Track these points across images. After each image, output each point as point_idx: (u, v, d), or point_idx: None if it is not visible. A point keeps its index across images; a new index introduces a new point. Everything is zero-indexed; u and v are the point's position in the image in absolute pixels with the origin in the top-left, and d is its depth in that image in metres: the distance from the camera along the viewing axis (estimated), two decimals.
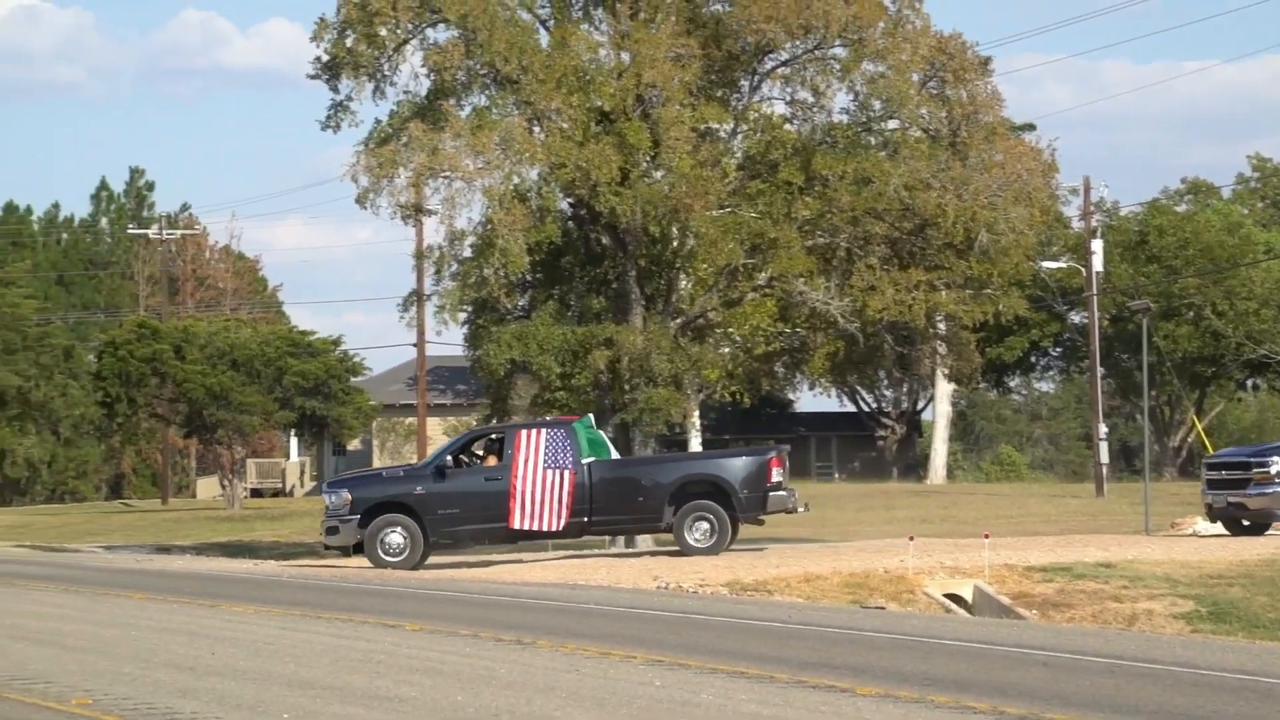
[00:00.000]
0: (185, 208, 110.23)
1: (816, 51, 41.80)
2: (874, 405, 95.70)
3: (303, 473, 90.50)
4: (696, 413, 67.66)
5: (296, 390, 70.43)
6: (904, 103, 41.43)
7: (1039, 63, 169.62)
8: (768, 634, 21.35)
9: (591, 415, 38.25)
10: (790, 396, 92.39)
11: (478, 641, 19.69)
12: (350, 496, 34.30)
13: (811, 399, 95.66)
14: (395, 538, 34.12)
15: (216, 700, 15.16)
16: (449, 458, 34.99)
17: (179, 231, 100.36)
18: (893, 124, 42.94)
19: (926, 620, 25.09)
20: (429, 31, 41.96)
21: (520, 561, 35.60)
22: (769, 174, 42.50)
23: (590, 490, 34.41)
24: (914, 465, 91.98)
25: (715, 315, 43.84)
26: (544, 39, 42.20)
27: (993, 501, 58.67)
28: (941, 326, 46.04)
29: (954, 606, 29.14)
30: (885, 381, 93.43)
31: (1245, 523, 35.88)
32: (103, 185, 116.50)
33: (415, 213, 42.58)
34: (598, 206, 41.07)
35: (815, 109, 42.79)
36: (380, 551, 33.97)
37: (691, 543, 34.34)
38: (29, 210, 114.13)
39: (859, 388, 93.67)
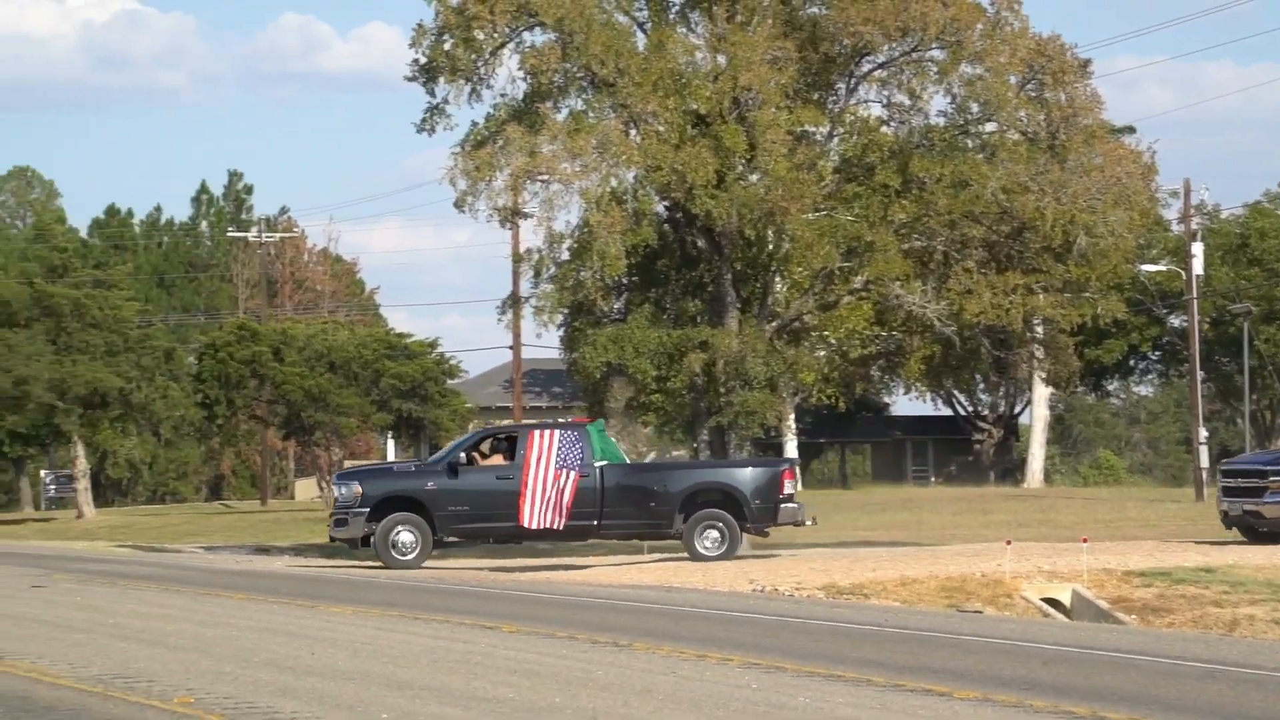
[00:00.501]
0: (284, 211, 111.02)
1: (914, 54, 41.68)
2: (970, 409, 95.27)
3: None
4: (792, 416, 67.63)
5: (393, 392, 70.73)
6: (1002, 105, 41.25)
7: (1139, 65, 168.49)
8: (864, 637, 21.32)
9: (604, 420, 38.78)
10: (886, 400, 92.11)
11: (574, 643, 19.75)
12: (361, 489, 34.35)
13: (907, 402, 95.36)
14: (406, 535, 34.26)
15: (316, 700, 15.27)
16: (461, 455, 35.03)
17: (278, 234, 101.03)
18: (990, 126, 42.74)
19: (1024, 625, 24.98)
20: (525, 35, 42.10)
21: (613, 565, 35.65)
22: (865, 177, 42.40)
23: (601, 493, 34.58)
24: (1011, 469, 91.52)
25: (811, 318, 43.77)
26: (641, 42, 42.26)
27: (1091, 506, 58.31)
28: (1039, 330, 45.80)
29: (1052, 611, 29.01)
30: (982, 385, 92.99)
31: (1262, 530, 35.42)
32: (203, 189, 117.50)
33: (512, 216, 42.75)
34: (693, 209, 41.09)
35: (912, 111, 42.66)
36: (391, 550, 34.08)
37: (701, 550, 34.47)
38: (130, 213, 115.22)
39: (955, 391, 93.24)
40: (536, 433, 35.03)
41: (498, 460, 35.05)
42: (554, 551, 41.48)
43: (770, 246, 43.17)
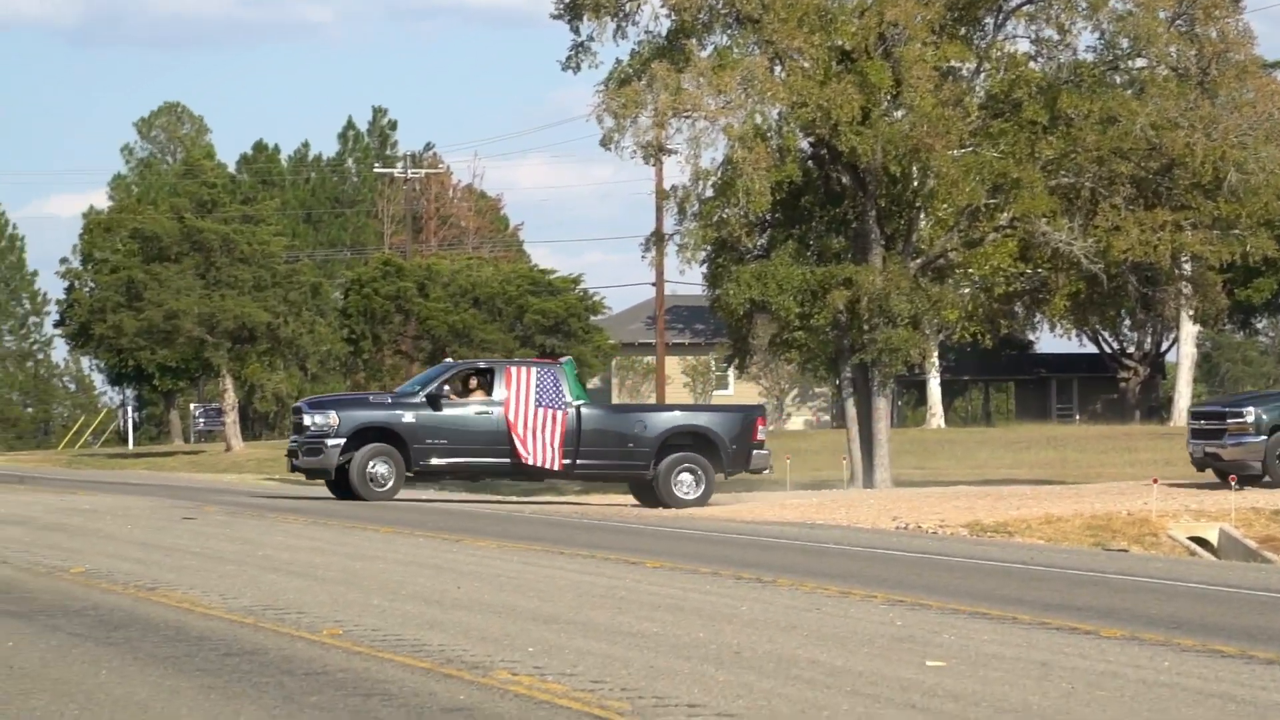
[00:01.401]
0: (429, 147, 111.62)
1: None
2: (1116, 346, 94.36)
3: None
4: (935, 353, 67.27)
5: (537, 328, 71.08)
6: (1152, 41, 40.75)
7: None
8: (1009, 575, 21.25)
9: (573, 359, 38.53)
10: (1030, 337, 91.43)
11: (718, 579, 19.81)
12: (338, 418, 33.54)
13: (1052, 340, 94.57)
14: (382, 467, 33.52)
15: (462, 633, 15.41)
16: (444, 388, 34.27)
17: (423, 171, 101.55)
18: (1140, 62, 42.26)
19: (1171, 563, 24.81)
20: None
21: (741, 502, 35.68)
22: (1012, 113, 42.03)
23: (578, 434, 34.05)
24: (1157, 408, 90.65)
25: (955, 255, 43.53)
26: None
27: None
28: (1187, 267, 45.31)
29: (1199, 550, 28.79)
30: (1128, 322, 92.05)
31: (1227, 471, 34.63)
32: (349, 124, 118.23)
33: (657, 152, 42.76)
34: (838, 146, 40.92)
35: (1060, 47, 42.26)
36: (369, 483, 33.32)
37: (678, 495, 34.06)
38: (277, 149, 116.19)
39: (1100, 329, 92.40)
40: (514, 369, 34.46)
41: (479, 395, 34.28)
42: (521, 490, 41.41)
43: (915, 183, 42.92)
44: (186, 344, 72.59)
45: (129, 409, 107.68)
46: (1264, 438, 34.09)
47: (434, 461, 33.98)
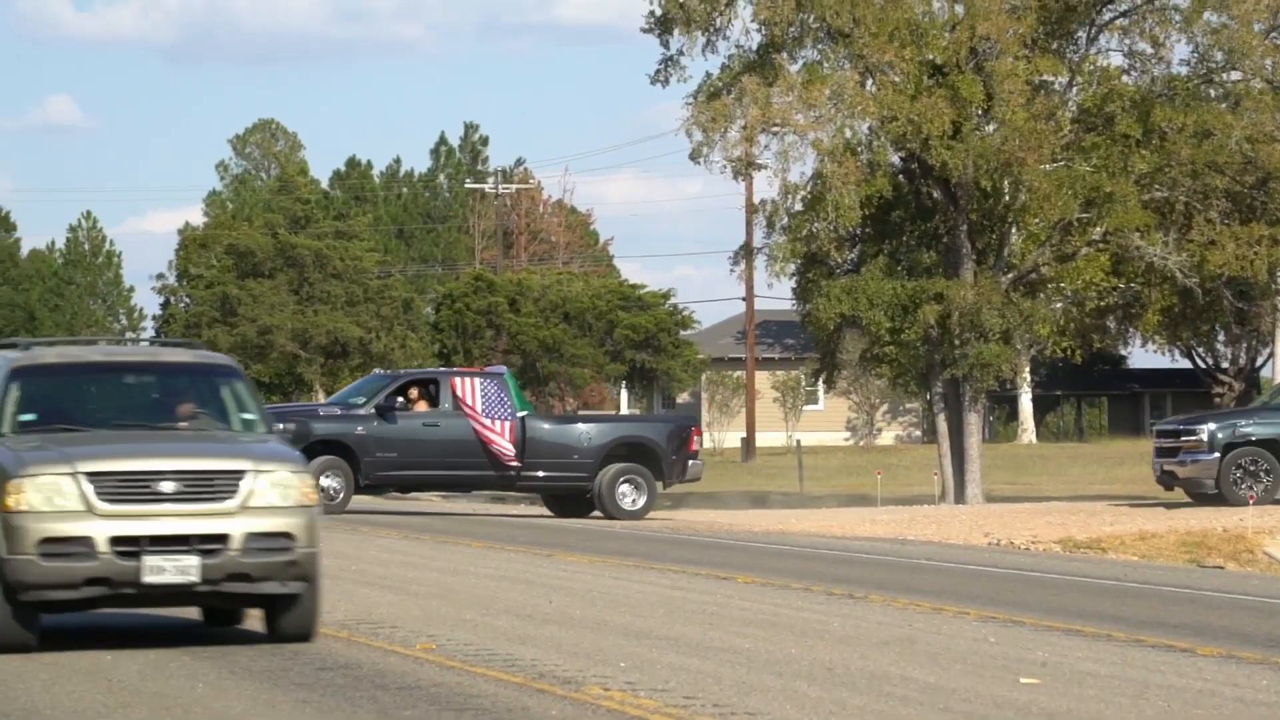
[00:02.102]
0: (520, 162, 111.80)
1: (1156, 2, 41.01)
2: (1210, 361, 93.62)
3: None
4: (1027, 369, 67.02)
5: (627, 343, 71.22)
6: (1247, 54, 40.48)
7: None
8: (1102, 592, 21.13)
9: (510, 370, 38.14)
10: (1123, 352, 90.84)
11: (809, 595, 19.78)
12: (294, 429, 32.00)
13: (1145, 355, 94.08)
14: (333, 481, 32.50)
15: (554, 647, 15.45)
16: (398, 400, 33.52)
17: (514, 186, 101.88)
18: (1235, 75, 41.97)
19: (1267, 580, 24.61)
20: None
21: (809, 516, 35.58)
22: (1105, 127, 41.82)
23: (523, 444, 33.59)
24: None
25: (1047, 270, 43.34)
26: None
27: None
28: None
29: None
30: (1222, 337, 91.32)
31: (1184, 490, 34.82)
32: (441, 140, 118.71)
33: (746, 167, 42.80)
34: (929, 160, 40.82)
35: (1154, 60, 42.04)
36: (322, 495, 31.80)
37: (623, 506, 33.70)
38: (370, 165, 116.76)
39: (1194, 343, 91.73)
40: (460, 379, 33.98)
41: (422, 406, 33.64)
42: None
43: (1007, 197, 42.76)
44: (280, 359, 73.13)
45: None
46: (1217, 455, 33.88)
47: (385, 474, 33.35)
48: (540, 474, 34.05)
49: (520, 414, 33.82)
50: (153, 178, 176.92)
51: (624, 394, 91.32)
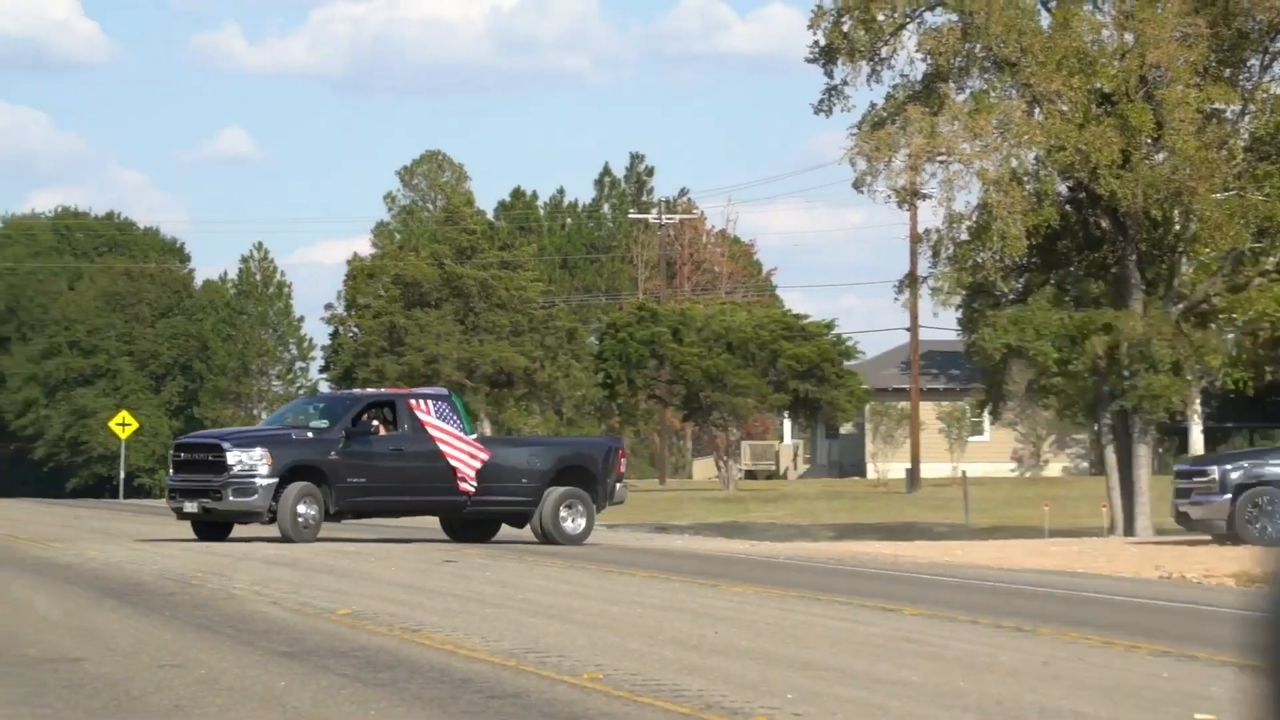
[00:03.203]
0: (683, 192, 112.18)
1: None
2: None
3: (796, 455, 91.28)
4: (1198, 400, 66.18)
5: (790, 373, 71.11)
6: None
7: None
8: None
9: (454, 391, 36.64)
10: None
11: (977, 627, 19.65)
12: (271, 456, 31.20)
13: None
14: (309, 509, 31.35)
15: (721, 678, 15.45)
16: (373, 423, 32.20)
17: (677, 216, 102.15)
18: None
19: None
20: (926, 15, 41.93)
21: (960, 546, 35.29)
22: (1279, 155, 41.28)
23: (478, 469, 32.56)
24: None
25: (1219, 300, 42.82)
26: (1044, 20, 41.77)
27: None
28: None
29: None
30: None
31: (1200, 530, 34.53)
32: (605, 171, 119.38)
33: (911, 196, 42.67)
34: (1097, 189, 40.48)
35: None
36: (299, 522, 31.15)
37: (568, 531, 32.83)
38: (535, 196, 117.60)
39: None
40: (415, 400, 32.79)
41: (381, 431, 32.44)
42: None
43: (1177, 227, 42.33)
44: (446, 388, 73.68)
45: None
46: (1229, 496, 33.70)
47: (355, 501, 32.07)
48: (492, 498, 32.82)
49: (470, 437, 32.91)
50: (322, 208, 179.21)
51: (787, 424, 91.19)
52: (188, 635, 18.36)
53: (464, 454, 32.40)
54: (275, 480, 31.06)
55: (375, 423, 32.35)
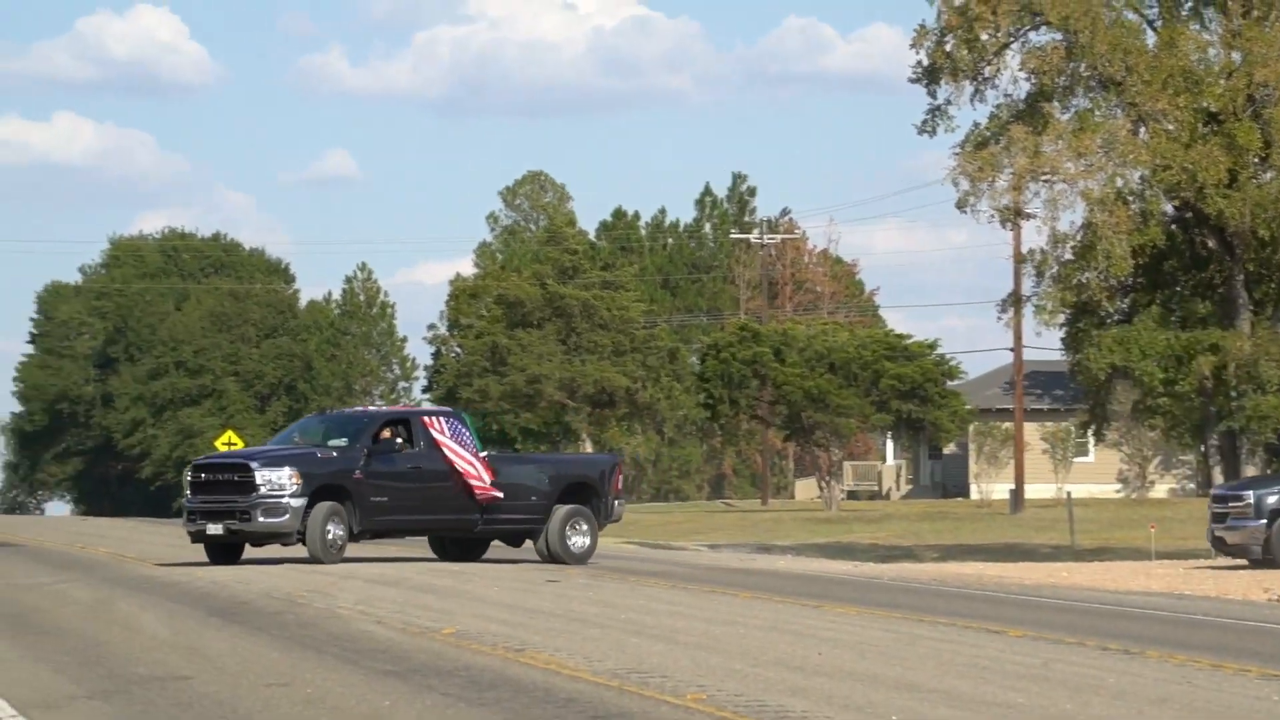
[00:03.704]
0: (785, 212, 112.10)
1: None
2: None
3: (899, 476, 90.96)
4: None
5: (893, 393, 70.86)
6: None
7: None
8: None
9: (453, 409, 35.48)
10: None
11: (1083, 649, 19.52)
12: (300, 476, 30.16)
13: None
14: (337, 529, 30.44)
15: (825, 700, 15.42)
16: (396, 439, 31.34)
17: (779, 236, 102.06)
18: None
19: None
20: (1030, 35, 41.78)
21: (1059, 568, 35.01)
22: None
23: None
24: None
25: None
26: (1150, 39, 41.53)
27: None
28: None
29: None
30: None
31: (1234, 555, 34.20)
32: (706, 190, 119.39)
33: (1014, 216, 42.52)
34: (1204, 209, 40.20)
35: None
36: (328, 542, 30.22)
37: (573, 549, 32.08)
38: (636, 216, 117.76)
39: None
40: (430, 418, 31.82)
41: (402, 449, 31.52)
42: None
43: None
44: (548, 408, 73.85)
45: None
46: (1264, 522, 33.51)
47: (377, 519, 31.16)
48: (502, 516, 32.01)
49: (483, 454, 32.21)
50: (424, 229, 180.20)
51: (889, 445, 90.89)
52: (294, 654, 18.49)
53: (479, 472, 31.57)
54: (305, 500, 30.15)
55: (399, 440, 31.52)
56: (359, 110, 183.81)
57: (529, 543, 33.23)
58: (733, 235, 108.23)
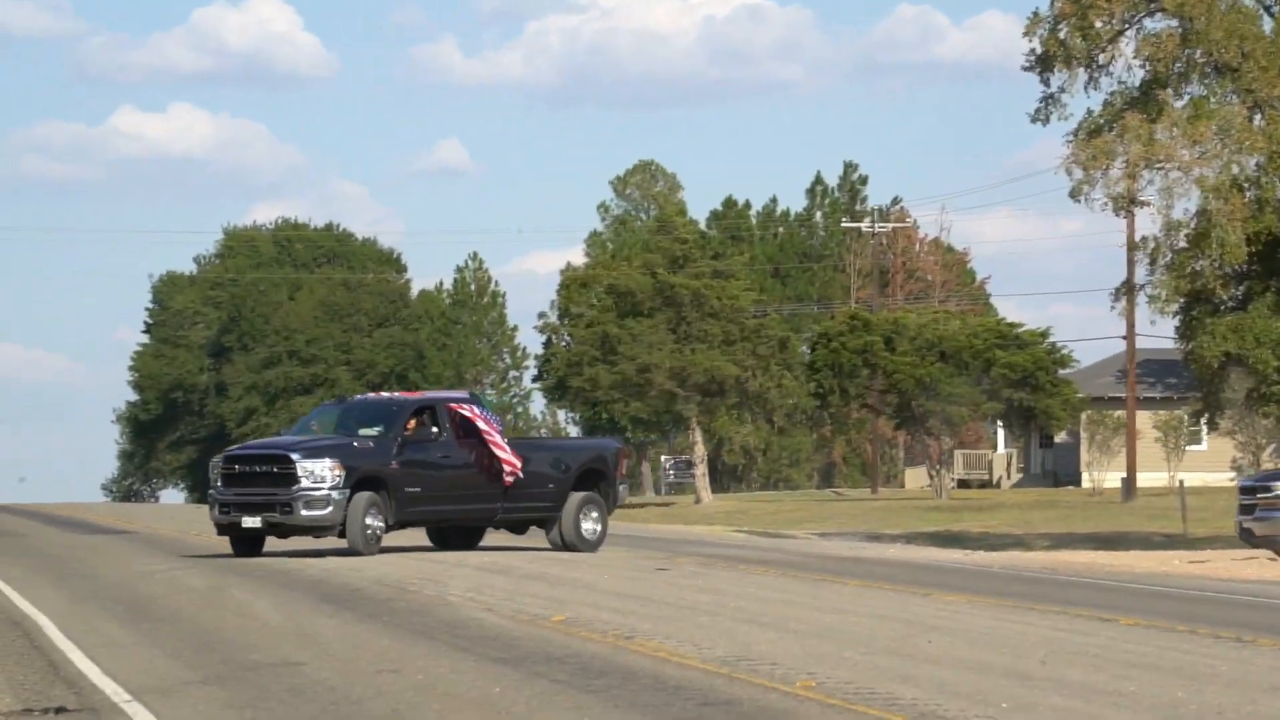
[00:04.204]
0: (896, 201, 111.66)
1: None
2: None
3: (1009, 464, 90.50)
4: None
5: (1004, 382, 70.50)
6: None
7: None
8: None
9: (469, 393, 34.65)
10: None
11: (1195, 638, 19.42)
12: (342, 468, 29.52)
13: None
14: (376, 520, 29.85)
15: (935, 687, 15.41)
16: (406, 429, 30.58)
17: (890, 224, 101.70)
18: None
19: None
20: (1145, 21, 41.45)
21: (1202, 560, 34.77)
22: None
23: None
24: None
25: None
26: (1267, 25, 41.10)
27: None
28: None
29: None
30: None
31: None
32: (817, 179, 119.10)
33: (1128, 204, 42.21)
34: None
35: None
36: (368, 534, 29.65)
37: (586, 536, 31.59)
38: (747, 205, 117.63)
39: None
40: (456, 405, 31.01)
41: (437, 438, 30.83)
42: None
43: None
44: (658, 397, 73.84)
45: None
46: None
47: (413, 510, 30.61)
48: (521, 504, 31.51)
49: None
50: (536, 218, 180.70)
51: (1000, 433, 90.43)
52: (404, 641, 18.65)
53: (511, 458, 30.98)
54: (347, 492, 29.45)
55: (434, 429, 30.82)
56: (470, 100, 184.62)
57: (528, 531, 32.60)
58: (844, 224, 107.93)
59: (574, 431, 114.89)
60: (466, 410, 31.12)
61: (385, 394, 38.81)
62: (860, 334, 72.43)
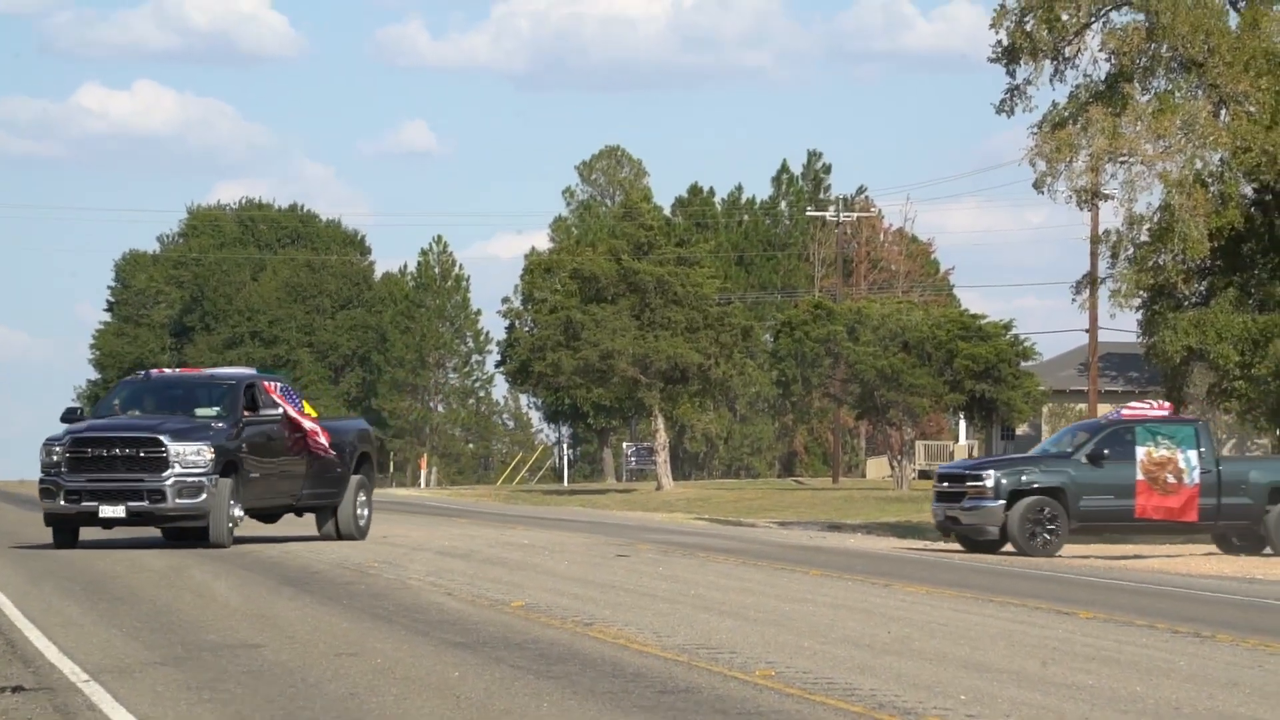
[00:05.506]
0: (861, 190, 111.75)
1: None
2: None
3: (971, 455, 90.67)
4: None
5: (966, 373, 70.61)
6: None
7: None
8: None
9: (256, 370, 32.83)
10: None
11: (1153, 632, 19.47)
12: (212, 450, 27.34)
13: None
14: (237, 510, 27.78)
15: (893, 678, 15.44)
16: (242, 410, 28.33)
17: (854, 214, 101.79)
18: None
19: None
20: (1111, 15, 41.55)
21: (1174, 555, 34.90)
22: None
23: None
24: None
25: None
26: (1233, 20, 41.22)
27: None
28: None
29: None
30: None
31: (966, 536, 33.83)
32: (783, 168, 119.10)
33: (1091, 197, 42.33)
34: None
35: None
36: (229, 527, 27.63)
37: (361, 525, 29.91)
38: (712, 192, 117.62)
39: None
40: (269, 384, 28.94)
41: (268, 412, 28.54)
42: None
43: None
44: (621, 383, 73.82)
45: (564, 446, 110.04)
46: (1002, 502, 33.08)
47: (254, 497, 28.38)
48: (319, 489, 29.54)
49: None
50: (500, 203, 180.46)
51: (962, 424, 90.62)
52: (364, 624, 18.62)
53: (321, 440, 28.97)
54: (216, 477, 27.12)
55: (273, 410, 28.50)
56: (437, 82, 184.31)
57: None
58: (808, 213, 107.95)
59: (535, 417, 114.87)
60: (276, 390, 28.98)
61: (183, 370, 35.86)
62: (823, 323, 72.49)
